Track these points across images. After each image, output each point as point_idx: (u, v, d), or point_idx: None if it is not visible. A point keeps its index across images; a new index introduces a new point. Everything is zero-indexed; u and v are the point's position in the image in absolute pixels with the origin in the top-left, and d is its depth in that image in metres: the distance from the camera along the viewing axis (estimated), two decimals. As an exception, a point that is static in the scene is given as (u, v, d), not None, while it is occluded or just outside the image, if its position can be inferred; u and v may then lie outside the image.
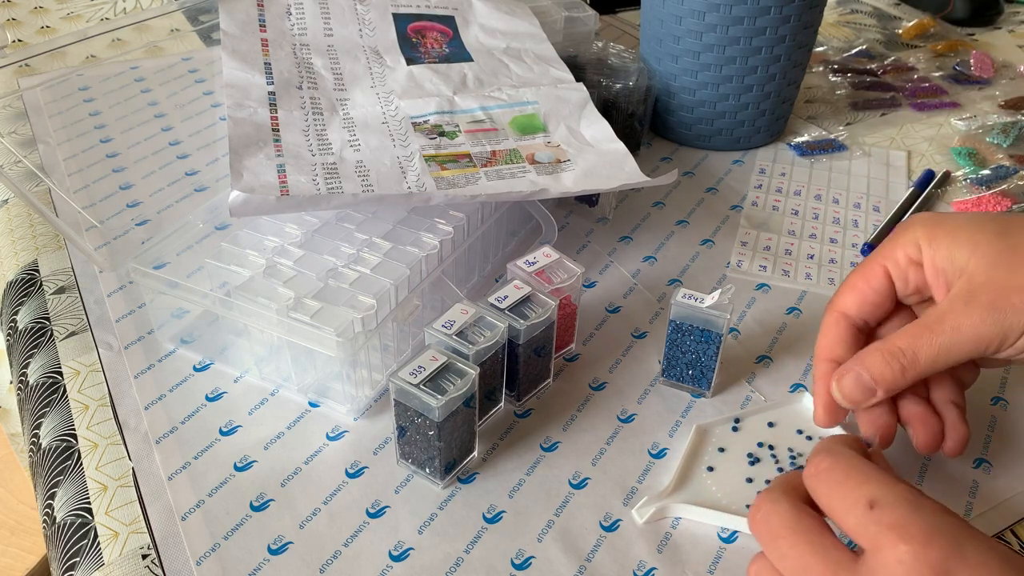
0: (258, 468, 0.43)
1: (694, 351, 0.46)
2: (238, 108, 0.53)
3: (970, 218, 0.39)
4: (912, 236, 0.40)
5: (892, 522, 0.28)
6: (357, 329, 0.43)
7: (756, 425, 0.45)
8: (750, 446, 0.44)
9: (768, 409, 0.46)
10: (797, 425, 0.45)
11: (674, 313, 0.45)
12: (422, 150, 0.54)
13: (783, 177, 0.68)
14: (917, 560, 0.27)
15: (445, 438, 0.40)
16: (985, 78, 0.84)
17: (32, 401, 0.48)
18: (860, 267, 0.42)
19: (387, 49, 0.63)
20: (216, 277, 0.47)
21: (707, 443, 0.44)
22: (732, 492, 0.42)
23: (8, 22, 0.91)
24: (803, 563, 0.30)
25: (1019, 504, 0.42)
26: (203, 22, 0.89)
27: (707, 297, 0.44)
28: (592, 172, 0.54)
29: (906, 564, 0.27)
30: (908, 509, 0.29)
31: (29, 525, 1.26)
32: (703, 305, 0.44)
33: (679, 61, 0.67)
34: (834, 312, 0.42)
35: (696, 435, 0.44)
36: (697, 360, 0.46)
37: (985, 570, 0.27)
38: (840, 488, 0.31)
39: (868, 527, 0.29)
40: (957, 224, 0.39)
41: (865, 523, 0.29)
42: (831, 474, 0.31)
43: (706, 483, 0.42)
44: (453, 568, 0.38)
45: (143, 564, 0.39)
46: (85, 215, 0.60)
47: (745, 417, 0.45)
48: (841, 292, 0.42)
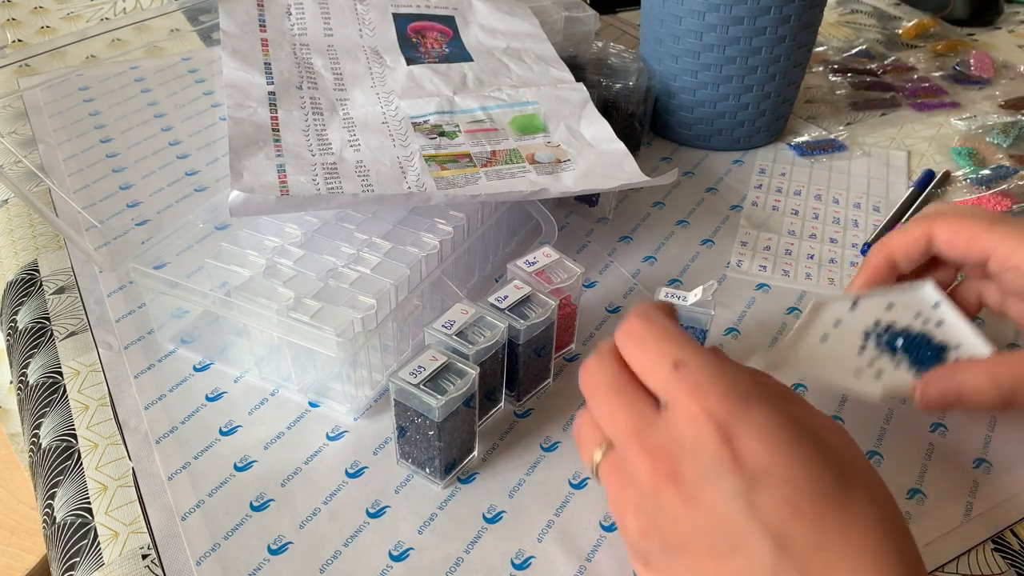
0: (258, 468, 0.43)
1: None
2: (238, 108, 0.53)
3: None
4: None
5: (691, 381, 0.31)
6: (357, 329, 0.43)
7: (874, 306, 0.44)
8: (866, 323, 0.44)
9: (889, 293, 0.45)
10: (916, 309, 0.44)
11: None
12: (422, 150, 0.54)
13: (783, 177, 0.68)
14: (706, 417, 0.30)
15: (445, 438, 0.40)
16: (985, 78, 0.84)
17: (32, 401, 0.48)
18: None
19: (387, 49, 0.63)
20: (216, 277, 0.47)
21: (822, 317, 0.44)
22: (844, 356, 0.42)
23: (8, 22, 0.91)
24: (612, 411, 0.33)
25: (1019, 504, 0.42)
26: (203, 22, 0.89)
27: (690, 295, 0.44)
28: (592, 172, 0.54)
29: (697, 420, 0.30)
30: (708, 372, 0.31)
31: (29, 525, 1.26)
32: (686, 303, 0.44)
33: (679, 61, 0.67)
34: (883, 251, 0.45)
35: (812, 309, 0.44)
36: None
37: (767, 431, 0.30)
38: (650, 348, 0.33)
39: (670, 385, 0.31)
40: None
41: (668, 381, 0.31)
42: (641, 336, 0.33)
43: (818, 348, 0.42)
44: (453, 568, 0.38)
45: (143, 564, 0.39)
46: (85, 215, 0.60)
47: (864, 299, 0.45)
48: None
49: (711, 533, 0.29)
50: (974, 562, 0.39)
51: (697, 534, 0.30)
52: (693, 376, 0.31)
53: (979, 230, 0.42)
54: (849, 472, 0.30)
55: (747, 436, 0.29)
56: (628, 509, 0.33)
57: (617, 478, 0.33)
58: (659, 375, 0.32)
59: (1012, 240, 0.40)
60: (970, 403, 0.39)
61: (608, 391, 0.33)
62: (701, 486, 0.29)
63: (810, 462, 0.29)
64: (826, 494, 0.29)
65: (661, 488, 0.30)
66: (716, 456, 0.29)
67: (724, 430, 0.30)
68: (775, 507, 0.29)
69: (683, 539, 0.30)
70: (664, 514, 0.31)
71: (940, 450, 0.44)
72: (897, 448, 0.44)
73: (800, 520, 0.28)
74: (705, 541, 0.29)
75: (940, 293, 0.45)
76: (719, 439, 0.29)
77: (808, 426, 0.31)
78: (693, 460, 0.30)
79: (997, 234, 0.41)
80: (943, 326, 0.44)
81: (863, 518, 0.29)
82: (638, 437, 0.31)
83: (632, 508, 0.32)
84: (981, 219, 0.42)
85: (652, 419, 0.32)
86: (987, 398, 0.38)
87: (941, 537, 0.40)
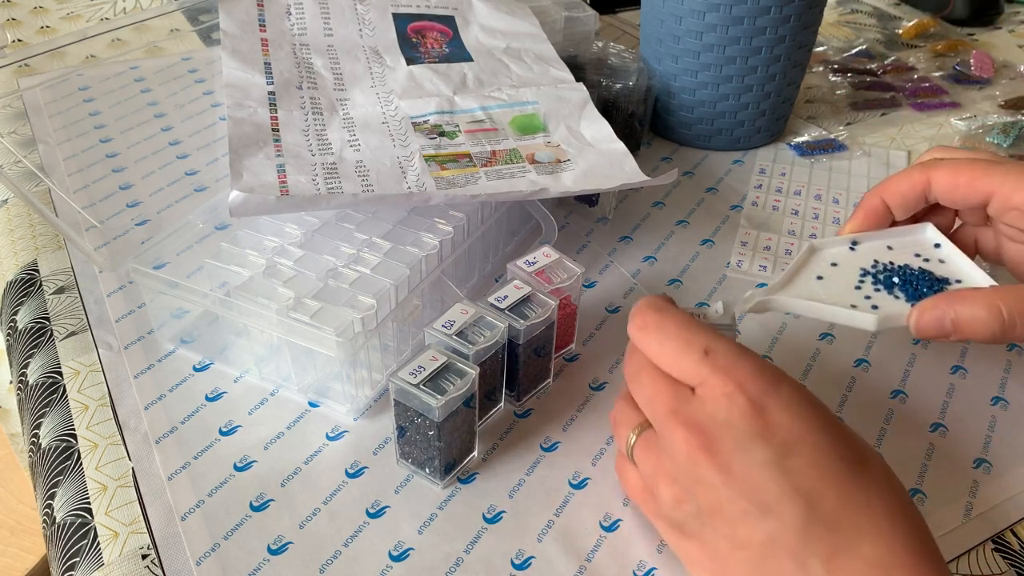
0: (258, 468, 0.43)
1: None
2: (238, 108, 0.53)
3: None
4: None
5: (723, 365, 0.33)
6: (357, 329, 0.43)
7: (874, 246, 0.45)
8: (864, 263, 0.44)
9: (889, 236, 0.45)
10: (916, 250, 0.44)
11: None
12: (422, 150, 0.54)
13: (783, 177, 0.68)
14: (740, 394, 0.32)
15: (445, 438, 0.40)
16: (985, 78, 0.84)
17: (32, 401, 0.48)
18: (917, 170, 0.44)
19: (387, 49, 0.63)
20: (216, 277, 0.47)
21: (819, 258, 0.44)
22: (839, 293, 0.42)
23: (8, 22, 0.91)
24: (655, 388, 0.35)
25: (1019, 504, 0.42)
26: (203, 22, 0.89)
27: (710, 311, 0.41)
28: (592, 172, 0.54)
29: (731, 397, 0.32)
30: (735, 355, 0.34)
31: (29, 525, 1.26)
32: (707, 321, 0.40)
33: (679, 61, 0.67)
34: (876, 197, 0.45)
35: (808, 251, 0.44)
36: None
37: (795, 406, 0.32)
38: (673, 340, 0.35)
39: (701, 369, 0.33)
40: None
41: (698, 365, 0.34)
42: (662, 328, 0.35)
43: (813, 286, 0.42)
44: (453, 568, 0.38)
45: (143, 564, 0.39)
46: (85, 215, 0.60)
47: (864, 240, 0.45)
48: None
49: (745, 497, 0.32)
50: (974, 562, 0.39)
51: (731, 500, 0.32)
52: (724, 359, 0.33)
53: (979, 172, 0.41)
54: (862, 448, 0.33)
55: (778, 409, 0.32)
56: (662, 479, 0.35)
57: (653, 454, 0.36)
58: (688, 361, 0.34)
59: (1013, 180, 0.40)
60: (966, 332, 0.38)
61: (652, 372, 0.35)
62: (735, 455, 0.32)
63: (833, 433, 0.32)
64: (845, 460, 0.32)
65: (697, 458, 0.33)
66: (749, 427, 0.32)
67: (756, 404, 0.32)
68: (805, 471, 0.31)
69: (717, 505, 0.33)
70: (699, 483, 0.33)
71: (940, 450, 0.44)
72: (897, 448, 0.44)
73: (827, 483, 0.31)
74: (739, 506, 0.32)
75: (940, 235, 0.44)
76: (752, 412, 0.32)
77: (821, 404, 0.34)
78: (727, 432, 0.32)
79: (998, 175, 0.41)
80: (944, 264, 0.43)
81: (879, 485, 0.32)
82: (676, 413, 0.34)
83: (666, 479, 0.35)
84: (980, 162, 0.42)
85: (688, 397, 0.34)
86: (984, 327, 0.38)
87: (941, 537, 0.40)
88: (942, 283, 0.42)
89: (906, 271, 0.43)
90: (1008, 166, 0.41)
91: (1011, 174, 0.41)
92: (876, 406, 0.47)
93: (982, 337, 0.38)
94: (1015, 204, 0.40)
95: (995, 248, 0.45)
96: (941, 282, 0.42)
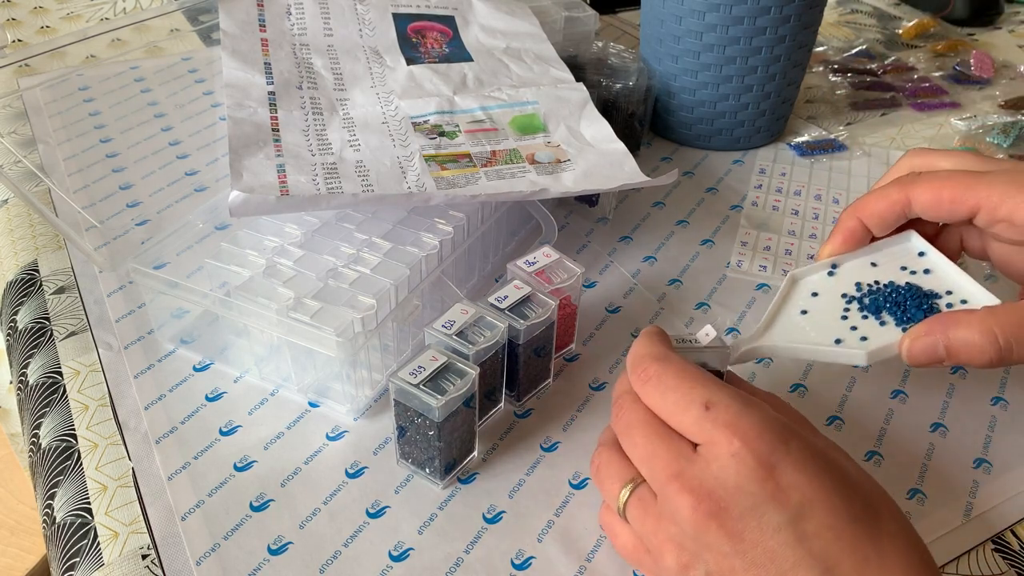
0: (258, 468, 0.43)
1: None
2: (238, 108, 0.53)
3: None
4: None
5: (726, 421, 0.31)
6: (357, 329, 0.43)
7: (856, 267, 0.43)
8: (847, 287, 0.42)
9: (870, 252, 0.43)
10: (901, 262, 0.43)
11: None
12: (422, 150, 0.54)
13: (783, 177, 0.68)
14: (748, 454, 0.31)
15: (445, 438, 0.40)
16: (985, 78, 0.84)
17: (32, 401, 0.48)
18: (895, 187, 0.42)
19: (387, 49, 0.63)
20: (216, 277, 0.47)
21: (800, 289, 0.43)
22: (825, 326, 0.40)
23: (8, 22, 0.91)
24: (652, 450, 0.33)
25: (1019, 504, 0.42)
26: (203, 22, 0.89)
27: (700, 334, 0.40)
28: (592, 172, 0.54)
29: (738, 457, 0.31)
30: (739, 408, 0.32)
31: (29, 525, 1.26)
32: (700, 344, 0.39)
33: (679, 61, 0.67)
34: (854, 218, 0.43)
35: (789, 282, 0.43)
36: None
37: (806, 463, 0.31)
38: (674, 392, 0.33)
39: (704, 425, 0.32)
40: None
41: (701, 422, 0.32)
42: (662, 379, 0.34)
43: (798, 323, 0.41)
44: (453, 568, 0.38)
45: (143, 564, 0.39)
46: (85, 215, 0.60)
47: (843, 262, 0.43)
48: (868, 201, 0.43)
49: (759, 565, 0.30)
50: (974, 562, 0.39)
51: (745, 567, 0.30)
52: (726, 415, 0.32)
53: (962, 188, 0.39)
54: (872, 497, 0.32)
55: (789, 469, 0.31)
56: (667, 545, 0.33)
57: (652, 516, 0.34)
58: (689, 417, 0.32)
59: (998, 192, 0.38)
60: (961, 359, 0.37)
61: (645, 431, 0.34)
62: (746, 521, 0.30)
63: (842, 491, 0.31)
64: (859, 520, 0.30)
65: (705, 524, 0.31)
66: (762, 491, 0.30)
67: (766, 464, 0.31)
68: (820, 534, 0.30)
69: (730, 572, 0.31)
70: (709, 549, 0.31)
71: (940, 450, 0.44)
72: (897, 448, 0.44)
73: (843, 546, 0.30)
74: (753, 574, 0.30)
75: (925, 243, 0.43)
76: (763, 474, 0.30)
77: (830, 455, 0.32)
78: (738, 496, 0.30)
79: (982, 188, 0.39)
80: (932, 274, 0.42)
81: (894, 542, 0.31)
82: (679, 476, 0.32)
83: (672, 544, 0.33)
84: (961, 175, 0.40)
85: (691, 457, 0.32)
86: (979, 353, 0.36)
87: (941, 537, 0.40)
88: (931, 298, 0.40)
89: (892, 290, 0.41)
90: (991, 177, 0.39)
91: (995, 185, 0.38)
92: (876, 406, 0.47)
93: (978, 363, 0.36)
94: (1002, 216, 0.38)
95: (980, 247, 0.43)
96: (930, 297, 0.40)
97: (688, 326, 0.52)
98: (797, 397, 0.47)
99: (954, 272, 0.41)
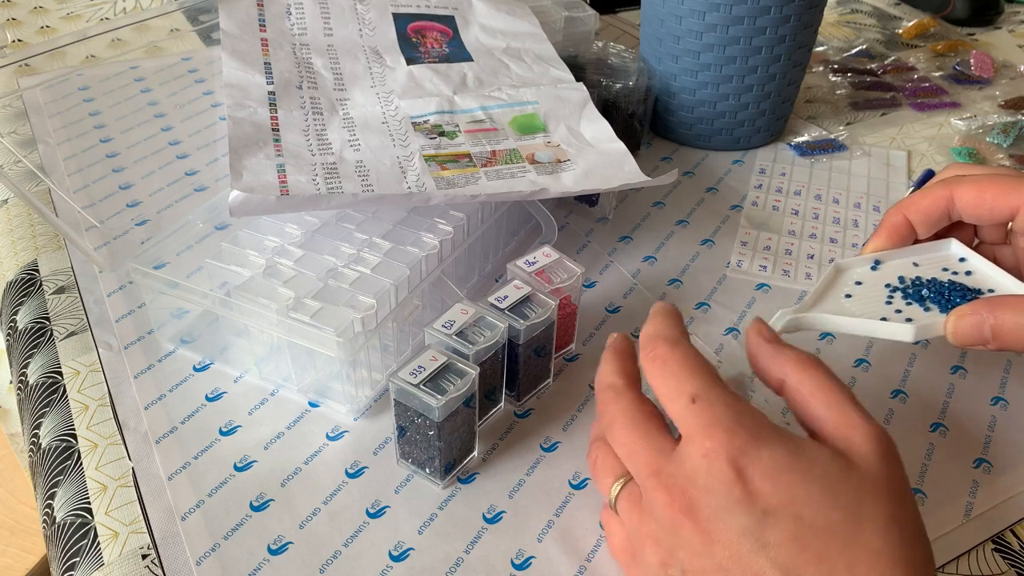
0: (258, 468, 0.43)
1: None
2: (238, 108, 0.53)
3: None
4: None
5: (706, 419, 0.31)
6: (357, 329, 0.43)
7: (899, 265, 0.44)
8: (891, 279, 0.43)
9: (913, 254, 0.44)
10: (942, 264, 0.43)
11: None
12: (422, 150, 0.54)
13: (783, 177, 0.68)
14: (719, 455, 0.30)
15: (445, 438, 0.40)
16: (985, 78, 0.84)
17: (32, 401, 0.48)
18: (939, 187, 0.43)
19: (387, 49, 0.63)
20: (216, 277, 0.47)
21: (844, 278, 0.43)
22: (870, 308, 0.41)
23: (8, 22, 0.91)
24: (632, 446, 0.33)
25: (1019, 504, 0.42)
26: (203, 22, 0.89)
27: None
28: (592, 172, 0.54)
29: (709, 458, 0.30)
30: (723, 409, 0.31)
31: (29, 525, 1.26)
32: None
33: (679, 61, 0.67)
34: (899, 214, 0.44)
35: (833, 270, 0.43)
36: None
37: (777, 472, 0.30)
38: (673, 379, 0.33)
39: (686, 418, 0.32)
40: None
41: (684, 414, 0.32)
42: (666, 364, 0.34)
43: (843, 303, 0.42)
44: (453, 568, 0.38)
45: (143, 564, 0.39)
46: (85, 215, 0.60)
47: (886, 259, 0.44)
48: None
49: (728, 567, 0.30)
50: (974, 562, 0.39)
51: (716, 568, 0.30)
52: (708, 412, 0.31)
53: (1005, 188, 0.41)
54: (864, 505, 0.30)
55: (759, 476, 0.30)
56: (647, 541, 0.33)
57: (636, 510, 0.34)
58: (676, 406, 0.32)
59: None
60: (1007, 340, 0.37)
61: (626, 426, 0.34)
62: (716, 521, 0.30)
63: (817, 500, 0.30)
64: (832, 532, 0.29)
65: (679, 521, 0.31)
66: (729, 493, 0.30)
67: (736, 468, 0.30)
68: (783, 545, 0.29)
69: (702, 571, 0.31)
70: (683, 546, 0.31)
71: (940, 450, 0.44)
72: (897, 448, 0.44)
73: (807, 557, 0.29)
74: (723, 574, 0.30)
75: (966, 249, 0.44)
76: (732, 476, 0.30)
77: (818, 464, 0.31)
78: (708, 495, 0.30)
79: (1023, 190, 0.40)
80: (973, 275, 0.42)
81: (872, 555, 0.29)
82: (656, 472, 0.32)
83: (651, 540, 0.33)
84: (1004, 177, 0.41)
85: (669, 454, 0.32)
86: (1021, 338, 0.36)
87: (941, 537, 0.40)
88: (975, 293, 0.41)
89: (935, 284, 0.42)
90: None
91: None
92: (876, 406, 0.47)
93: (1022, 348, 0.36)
94: None
95: (1014, 266, 0.44)
96: (974, 292, 0.41)
97: (688, 326, 0.52)
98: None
99: (998, 274, 0.42)
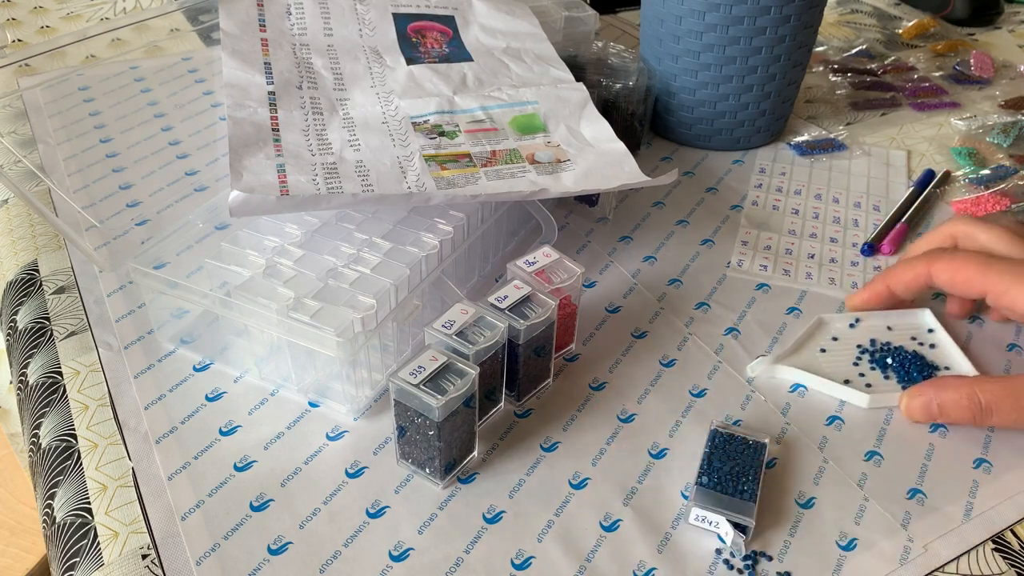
0: (258, 468, 0.43)
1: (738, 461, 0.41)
2: (238, 108, 0.53)
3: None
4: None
5: None
6: (357, 329, 0.43)
7: (874, 326, 0.51)
8: (863, 340, 0.50)
9: (889, 317, 0.51)
10: (912, 333, 0.50)
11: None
12: (422, 150, 0.54)
13: (783, 177, 0.68)
14: None
15: (445, 438, 0.40)
16: (985, 78, 0.84)
17: (32, 401, 0.48)
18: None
19: (387, 49, 0.63)
20: (216, 277, 0.47)
21: (824, 331, 0.50)
22: (838, 366, 0.48)
23: (8, 22, 0.91)
24: None
25: (1019, 504, 0.42)
26: (203, 22, 0.89)
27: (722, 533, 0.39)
28: (592, 172, 0.54)
29: None
30: None
31: (29, 525, 1.26)
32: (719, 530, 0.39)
33: (679, 61, 0.67)
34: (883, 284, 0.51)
35: (816, 323, 0.50)
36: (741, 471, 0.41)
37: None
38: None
39: None
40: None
41: None
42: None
43: (816, 358, 0.49)
44: (453, 568, 0.38)
45: (143, 564, 0.39)
46: (85, 215, 0.60)
47: (865, 319, 0.51)
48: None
49: None
50: (974, 562, 0.39)
51: None
52: None
53: (974, 273, 0.46)
54: None
55: None
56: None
57: None
58: None
59: (1005, 281, 0.45)
60: (951, 417, 0.44)
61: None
62: None
63: None
64: None
65: None
66: None
67: None
68: None
69: None
70: None
71: (940, 450, 0.44)
72: (897, 448, 0.44)
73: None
74: None
75: (936, 322, 0.50)
76: None
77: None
78: None
79: (992, 276, 0.46)
80: (936, 349, 0.49)
81: None
82: None
83: None
84: (977, 262, 0.46)
85: None
86: (964, 413, 0.44)
87: (941, 537, 0.40)
88: (931, 369, 0.48)
89: (900, 353, 0.48)
90: (1002, 266, 0.46)
91: (1003, 275, 0.45)
92: (876, 407, 0.47)
93: (963, 422, 0.44)
94: (1005, 304, 0.46)
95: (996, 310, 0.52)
96: (931, 368, 0.48)
97: (688, 326, 0.52)
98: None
99: (955, 352, 0.48)
